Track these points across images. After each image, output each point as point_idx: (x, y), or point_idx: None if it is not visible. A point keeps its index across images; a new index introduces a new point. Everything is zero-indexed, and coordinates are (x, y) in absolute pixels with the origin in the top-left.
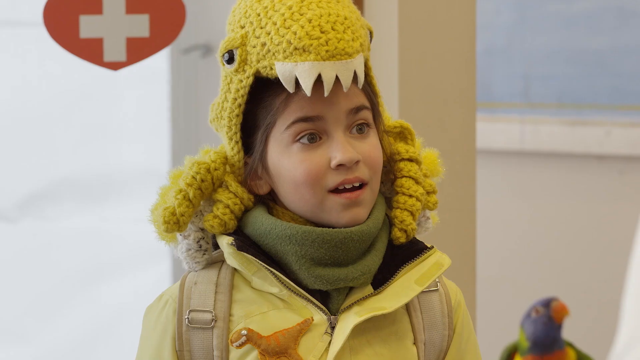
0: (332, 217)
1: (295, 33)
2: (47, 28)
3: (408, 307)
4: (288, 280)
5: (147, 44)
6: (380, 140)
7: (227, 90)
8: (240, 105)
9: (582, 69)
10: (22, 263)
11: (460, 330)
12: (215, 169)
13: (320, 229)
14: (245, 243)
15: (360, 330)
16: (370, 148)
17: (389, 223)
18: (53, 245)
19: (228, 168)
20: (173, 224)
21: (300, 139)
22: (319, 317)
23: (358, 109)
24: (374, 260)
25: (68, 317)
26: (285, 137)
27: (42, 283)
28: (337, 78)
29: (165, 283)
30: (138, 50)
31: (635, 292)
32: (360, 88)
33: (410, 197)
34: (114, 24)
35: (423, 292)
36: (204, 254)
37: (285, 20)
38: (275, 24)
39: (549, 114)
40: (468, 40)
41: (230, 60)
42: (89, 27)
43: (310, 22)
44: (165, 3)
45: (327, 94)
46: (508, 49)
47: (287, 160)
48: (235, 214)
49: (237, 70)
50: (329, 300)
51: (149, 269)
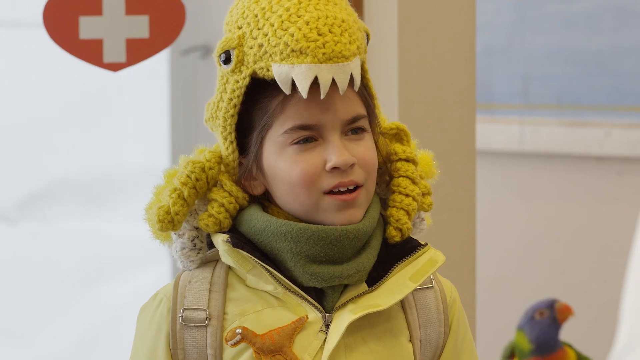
0: (327, 217)
1: (293, 35)
2: (46, 29)
3: (403, 304)
4: (283, 278)
5: (146, 45)
6: (376, 142)
7: (223, 90)
8: (236, 106)
9: (581, 70)
10: (22, 263)
11: (456, 328)
12: (210, 168)
13: (316, 226)
14: (241, 240)
15: (355, 328)
16: (365, 150)
17: (384, 222)
18: (53, 246)
19: (223, 167)
20: (167, 223)
21: (296, 142)
22: (314, 315)
23: (354, 120)
24: (369, 258)
25: (68, 317)
26: (282, 139)
27: (42, 283)
28: (333, 81)
29: (165, 283)
30: (138, 51)
31: (635, 292)
32: (357, 91)
33: (407, 196)
34: (114, 25)
35: (418, 289)
36: (199, 253)
37: (283, 22)
38: (273, 26)
39: (549, 115)
40: (468, 41)
41: (227, 61)
42: (89, 28)
43: (308, 24)
44: (165, 4)
45: (323, 97)
46: (508, 50)
47: (282, 162)
48: (230, 213)
49: (233, 71)
50: (324, 298)
51: (149, 269)
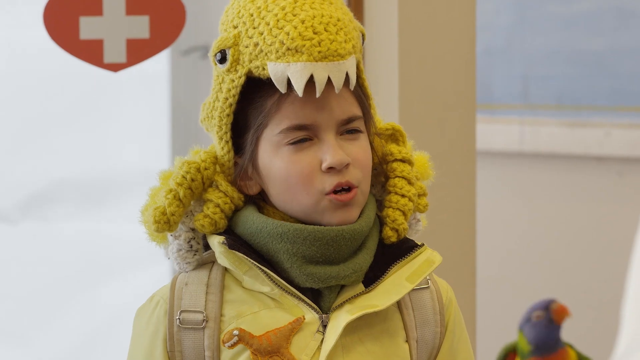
0: (323, 217)
1: (288, 34)
2: (47, 29)
3: (400, 304)
4: (279, 279)
5: (147, 45)
6: (371, 143)
7: (218, 90)
8: (231, 105)
9: (581, 70)
10: (22, 264)
11: (453, 328)
12: (205, 169)
13: (312, 227)
14: (237, 242)
15: (352, 329)
16: (360, 150)
17: (380, 223)
18: (53, 246)
19: (218, 168)
20: (163, 224)
21: (292, 142)
22: (311, 315)
23: (349, 120)
24: (365, 259)
25: (68, 317)
26: (277, 139)
27: (42, 284)
28: (329, 80)
29: (165, 284)
30: (138, 52)
31: (636, 295)
32: (352, 90)
33: (403, 196)
34: (114, 25)
35: (414, 289)
36: (195, 255)
37: (279, 21)
38: (268, 25)
39: (549, 115)
40: (468, 41)
41: (223, 60)
42: (89, 28)
43: (303, 23)
44: (166, 4)
45: (319, 95)
46: (507, 50)
47: (278, 161)
48: (226, 213)
49: (229, 70)
50: (321, 299)
51: (149, 270)
